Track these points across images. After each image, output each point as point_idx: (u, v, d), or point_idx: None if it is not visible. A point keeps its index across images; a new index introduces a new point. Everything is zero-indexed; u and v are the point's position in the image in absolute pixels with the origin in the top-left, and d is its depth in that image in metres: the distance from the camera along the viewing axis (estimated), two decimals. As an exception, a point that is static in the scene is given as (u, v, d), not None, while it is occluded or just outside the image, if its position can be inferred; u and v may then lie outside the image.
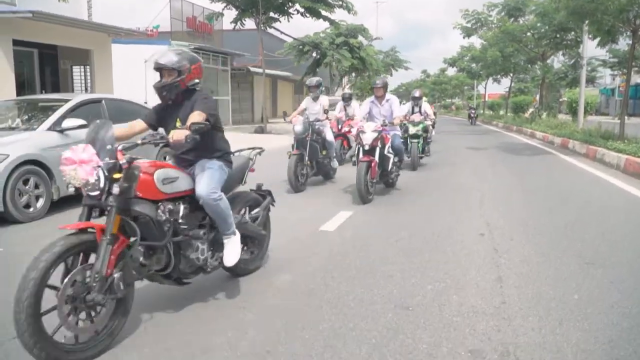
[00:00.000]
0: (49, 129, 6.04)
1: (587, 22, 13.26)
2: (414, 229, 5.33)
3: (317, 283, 3.76)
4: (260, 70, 22.29)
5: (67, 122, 6.07)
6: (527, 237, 4.96)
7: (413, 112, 10.77)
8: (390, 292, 3.55)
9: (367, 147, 6.66)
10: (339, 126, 10.54)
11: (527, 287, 3.63)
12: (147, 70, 21.43)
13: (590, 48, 18.74)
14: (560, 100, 41.94)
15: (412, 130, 10.18)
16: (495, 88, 44.12)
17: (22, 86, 17.33)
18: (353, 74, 37.51)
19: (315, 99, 8.53)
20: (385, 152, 7.02)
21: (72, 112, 6.36)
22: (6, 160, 5.35)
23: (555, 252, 4.45)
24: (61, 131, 6.05)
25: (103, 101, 6.92)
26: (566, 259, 4.24)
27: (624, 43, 18.07)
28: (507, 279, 3.78)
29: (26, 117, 6.66)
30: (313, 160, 8.01)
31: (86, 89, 19.29)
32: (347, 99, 11.10)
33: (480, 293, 3.51)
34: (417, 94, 11.25)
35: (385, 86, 7.68)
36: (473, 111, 33.62)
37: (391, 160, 7.23)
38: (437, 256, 4.40)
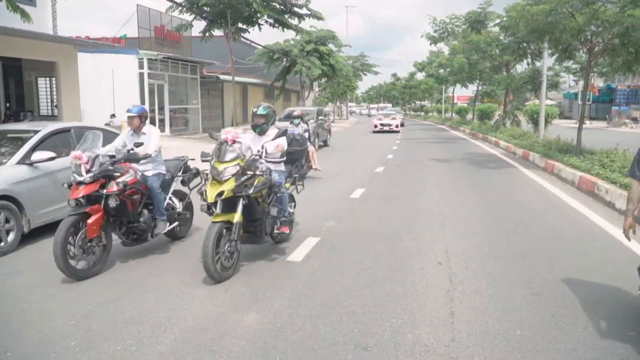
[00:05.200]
0: (19, 162, 6.09)
1: (547, 38, 13.88)
2: (378, 258, 5.61)
3: (284, 322, 3.99)
4: (230, 78, 22.34)
5: (37, 155, 6.14)
6: (481, 266, 5.29)
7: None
8: (352, 331, 3.81)
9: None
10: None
11: (476, 321, 3.94)
12: (114, 80, 21.28)
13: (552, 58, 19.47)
14: (526, 104, 43.19)
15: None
16: (463, 91, 45.06)
17: (-14, 98, 17.07)
18: (324, 79, 37.92)
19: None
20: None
21: (41, 143, 6.42)
22: (-24, 197, 5.39)
23: (505, 283, 4.80)
24: (31, 164, 6.13)
25: (72, 130, 6.97)
26: (515, 290, 4.59)
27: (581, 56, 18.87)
28: (459, 314, 4.09)
29: (-6, 147, 6.68)
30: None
31: (52, 101, 19.03)
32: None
33: (433, 330, 3.80)
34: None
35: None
36: None
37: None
38: (397, 288, 4.70)
